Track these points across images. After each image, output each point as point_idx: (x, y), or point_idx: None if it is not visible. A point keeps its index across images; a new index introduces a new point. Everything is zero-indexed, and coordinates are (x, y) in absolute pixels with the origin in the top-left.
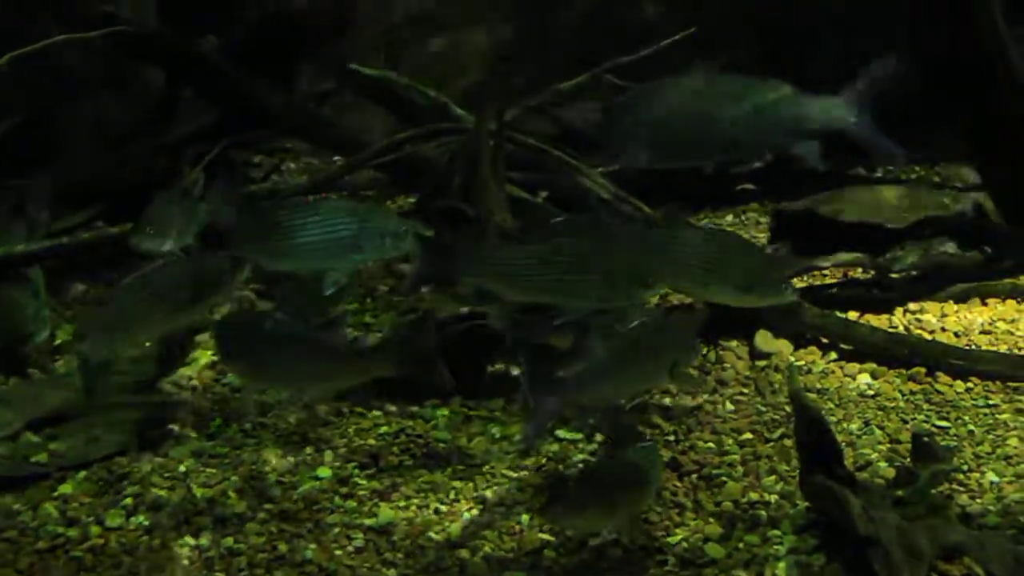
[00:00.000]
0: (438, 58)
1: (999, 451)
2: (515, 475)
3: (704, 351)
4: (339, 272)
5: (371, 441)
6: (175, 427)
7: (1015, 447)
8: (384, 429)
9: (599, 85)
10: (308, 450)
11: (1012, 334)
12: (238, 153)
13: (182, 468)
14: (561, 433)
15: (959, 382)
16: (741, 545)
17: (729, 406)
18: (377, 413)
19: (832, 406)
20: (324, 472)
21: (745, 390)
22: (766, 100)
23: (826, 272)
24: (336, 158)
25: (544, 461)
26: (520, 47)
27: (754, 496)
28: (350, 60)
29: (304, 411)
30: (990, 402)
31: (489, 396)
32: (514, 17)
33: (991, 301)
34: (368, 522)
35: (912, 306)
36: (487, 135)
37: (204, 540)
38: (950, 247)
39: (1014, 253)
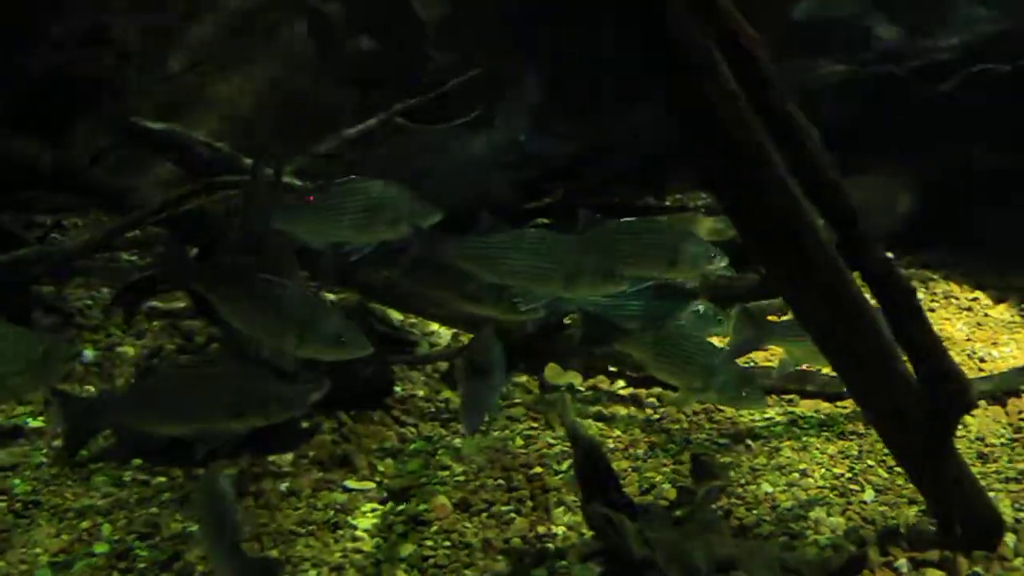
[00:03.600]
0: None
1: (773, 462)
2: (303, 530)
3: None
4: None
5: (153, 509)
6: None
7: (788, 457)
8: (167, 495)
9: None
10: (84, 525)
11: None
12: (15, 215)
13: None
14: (349, 483)
15: None
16: None
17: (519, 441)
18: (161, 479)
19: (619, 432)
20: (101, 548)
21: (535, 424)
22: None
23: None
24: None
25: (331, 514)
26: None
27: (542, 529)
28: (132, 114)
29: (82, 485)
30: (766, 415)
31: (280, 451)
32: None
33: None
34: None
35: None
36: (264, 186)
37: None
38: (727, 269)
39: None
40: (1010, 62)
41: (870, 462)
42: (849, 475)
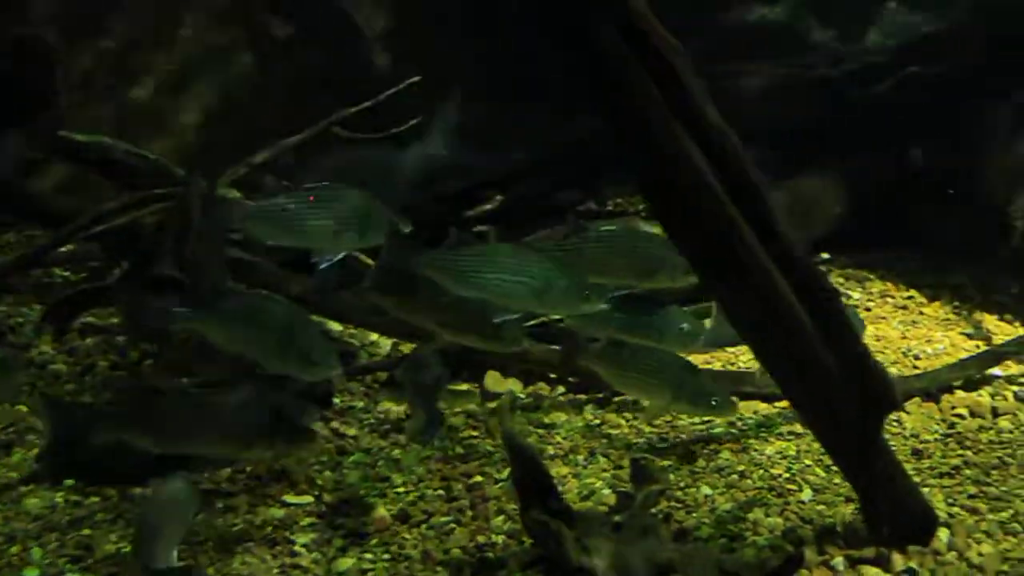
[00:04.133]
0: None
1: (712, 464)
2: (239, 548)
3: None
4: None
5: (86, 531)
6: None
7: (727, 459)
8: (100, 516)
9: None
10: (14, 550)
11: (725, 351)
12: None
13: None
14: (288, 498)
15: None
16: None
17: (460, 450)
18: (94, 499)
19: (559, 439)
20: (31, 572)
21: (476, 432)
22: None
23: None
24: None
25: (270, 529)
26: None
27: (482, 539)
28: (63, 126)
29: (11, 508)
30: (705, 418)
31: (216, 466)
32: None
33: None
34: None
35: None
36: (198, 199)
37: None
38: None
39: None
40: (943, 63)
41: (808, 462)
42: (787, 475)
